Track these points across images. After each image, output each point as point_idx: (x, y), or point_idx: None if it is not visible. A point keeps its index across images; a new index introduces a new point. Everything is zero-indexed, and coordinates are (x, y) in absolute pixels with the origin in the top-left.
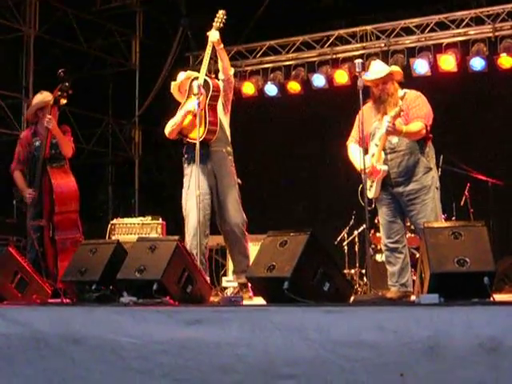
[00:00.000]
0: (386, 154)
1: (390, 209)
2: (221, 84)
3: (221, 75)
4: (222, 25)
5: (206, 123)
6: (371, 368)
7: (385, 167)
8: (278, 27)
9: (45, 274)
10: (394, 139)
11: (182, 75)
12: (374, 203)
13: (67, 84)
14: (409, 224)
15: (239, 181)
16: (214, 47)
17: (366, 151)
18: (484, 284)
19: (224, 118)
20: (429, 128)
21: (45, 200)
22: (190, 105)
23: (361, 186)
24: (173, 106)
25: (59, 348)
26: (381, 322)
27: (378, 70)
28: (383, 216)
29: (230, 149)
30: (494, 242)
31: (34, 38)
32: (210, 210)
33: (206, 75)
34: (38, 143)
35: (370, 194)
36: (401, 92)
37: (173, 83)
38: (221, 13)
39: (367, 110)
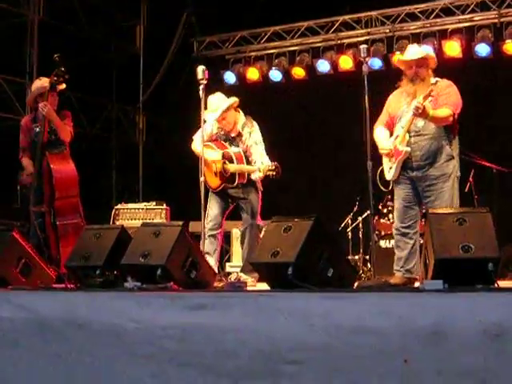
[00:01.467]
0: (410, 136)
1: (408, 194)
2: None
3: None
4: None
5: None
6: (375, 354)
7: (407, 148)
8: (282, 13)
9: (48, 259)
10: (420, 122)
11: (215, 100)
12: (392, 186)
13: (63, 69)
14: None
15: (261, 188)
16: None
17: (392, 134)
18: (488, 270)
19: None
20: (456, 117)
21: (45, 186)
22: (215, 154)
23: (380, 168)
24: (176, 92)
25: (63, 333)
26: (385, 307)
27: (413, 52)
28: (399, 200)
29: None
30: (498, 229)
31: (38, 22)
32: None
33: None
34: (37, 129)
35: (389, 175)
36: (433, 79)
37: (207, 113)
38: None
39: (397, 94)
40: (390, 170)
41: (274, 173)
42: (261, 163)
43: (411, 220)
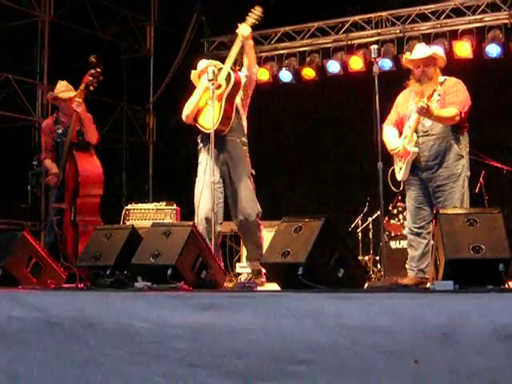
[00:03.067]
0: (418, 136)
1: (419, 194)
2: (243, 78)
3: (244, 71)
4: (256, 22)
5: (221, 114)
6: (385, 354)
7: (415, 149)
8: (292, 13)
9: (62, 256)
10: (428, 122)
11: (202, 63)
12: (403, 186)
13: (99, 70)
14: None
15: (253, 171)
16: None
17: (401, 134)
18: (499, 271)
19: (241, 111)
20: (463, 115)
21: (68, 183)
22: (205, 81)
23: (391, 168)
24: (188, 92)
25: (74, 332)
26: (395, 308)
27: (421, 51)
28: (411, 201)
29: (245, 139)
30: (509, 229)
31: (49, 23)
32: (223, 198)
33: (230, 68)
34: (60, 131)
35: (400, 176)
36: (441, 78)
37: (193, 71)
38: (258, 9)
39: (406, 93)
40: (400, 170)
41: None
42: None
43: (424, 221)
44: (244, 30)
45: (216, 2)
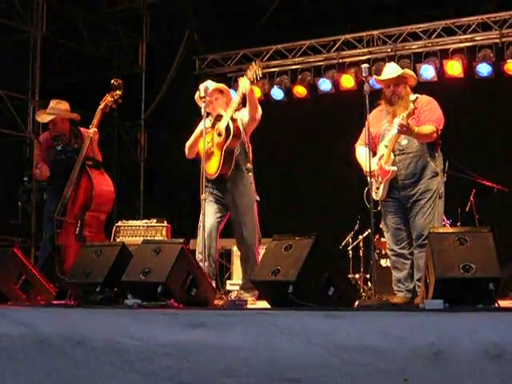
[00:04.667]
0: (394, 155)
1: (397, 215)
2: (245, 119)
3: (246, 116)
4: (255, 76)
5: (220, 162)
6: (375, 373)
7: (394, 168)
8: (284, 31)
9: (59, 270)
10: (404, 141)
11: (207, 83)
12: (380, 206)
13: (119, 93)
14: None
15: (258, 198)
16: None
17: (374, 154)
18: (489, 290)
19: (245, 140)
20: (439, 133)
21: (78, 197)
22: (202, 124)
23: (367, 188)
24: (178, 108)
25: (63, 349)
26: (385, 327)
27: (390, 71)
28: (389, 223)
29: (249, 165)
30: (499, 248)
31: (41, 39)
32: (225, 219)
33: (230, 118)
34: (59, 147)
35: (377, 196)
36: (413, 96)
37: (197, 93)
38: (257, 64)
39: (377, 112)
40: (377, 190)
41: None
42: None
43: (404, 241)
44: (244, 85)
45: (208, 19)
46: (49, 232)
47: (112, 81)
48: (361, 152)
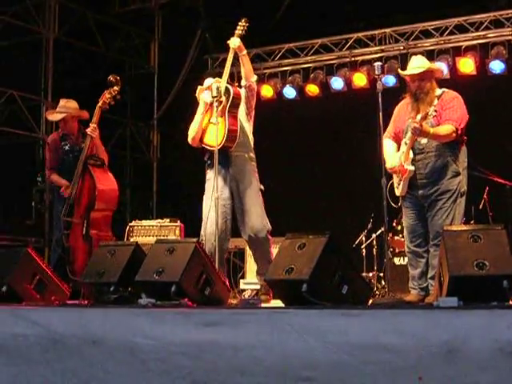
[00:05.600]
0: (414, 154)
1: (414, 212)
2: (243, 91)
3: (243, 81)
4: (243, 32)
5: (225, 130)
6: (389, 371)
7: (411, 167)
8: (296, 30)
9: (70, 271)
10: (423, 140)
11: (209, 81)
12: (400, 202)
13: (117, 89)
14: None
15: (262, 187)
16: (236, 54)
17: (399, 147)
18: (503, 287)
19: (246, 125)
20: (460, 132)
21: (82, 198)
22: (206, 96)
23: (390, 182)
24: (192, 109)
25: (77, 349)
26: (399, 325)
27: (415, 65)
28: (406, 218)
29: (252, 155)
30: None
31: (53, 40)
32: (231, 215)
33: (228, 82)
34: (67, 147)
35: (398, 191)
36: (439, 91)
37: (199, 87)
38: (243, 20)
39: (402, 106)
40: (398, 185)
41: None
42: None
43: (419, 238)
44: (233, 41)
45: (220, 18)
46: (57, 233)
47: (109, 77)
48: (386, 145)
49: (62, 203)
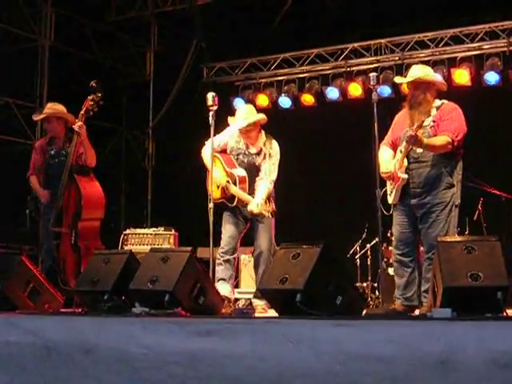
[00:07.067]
0: (409, 162)
1: (405, 220)
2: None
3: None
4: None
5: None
6: (383, 382)
7: (405, 175)
8: (292, 39)
9: (61, 281)
10: (419, 149)
11: (243, 123)
12: (392, 209)
13: (99, 95)
14: None
15: (274, 208)
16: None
17: (396, 154)
18: (497, 299)
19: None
20: (456, 144)
21: (69, 207)
22: (220, 177)
23: (383, 189)
24: (186, 118)
25: (71, 358)
26: (393, 335)
27: (410, 74)
28: (397, 226)
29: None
30: (507, 257)
31: (49, 48)
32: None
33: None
34: (52, 152)
35: (390, 199)
36: (438, 102)
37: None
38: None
39: (403, 114)
40: (391, 193)
41: (269, 214)
42: (260, 199)
43: (407, 247)
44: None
45: (215, 28)
46: (46, 243)
47: (91, 83)
48: (382, 152)
49: (49, 211)
